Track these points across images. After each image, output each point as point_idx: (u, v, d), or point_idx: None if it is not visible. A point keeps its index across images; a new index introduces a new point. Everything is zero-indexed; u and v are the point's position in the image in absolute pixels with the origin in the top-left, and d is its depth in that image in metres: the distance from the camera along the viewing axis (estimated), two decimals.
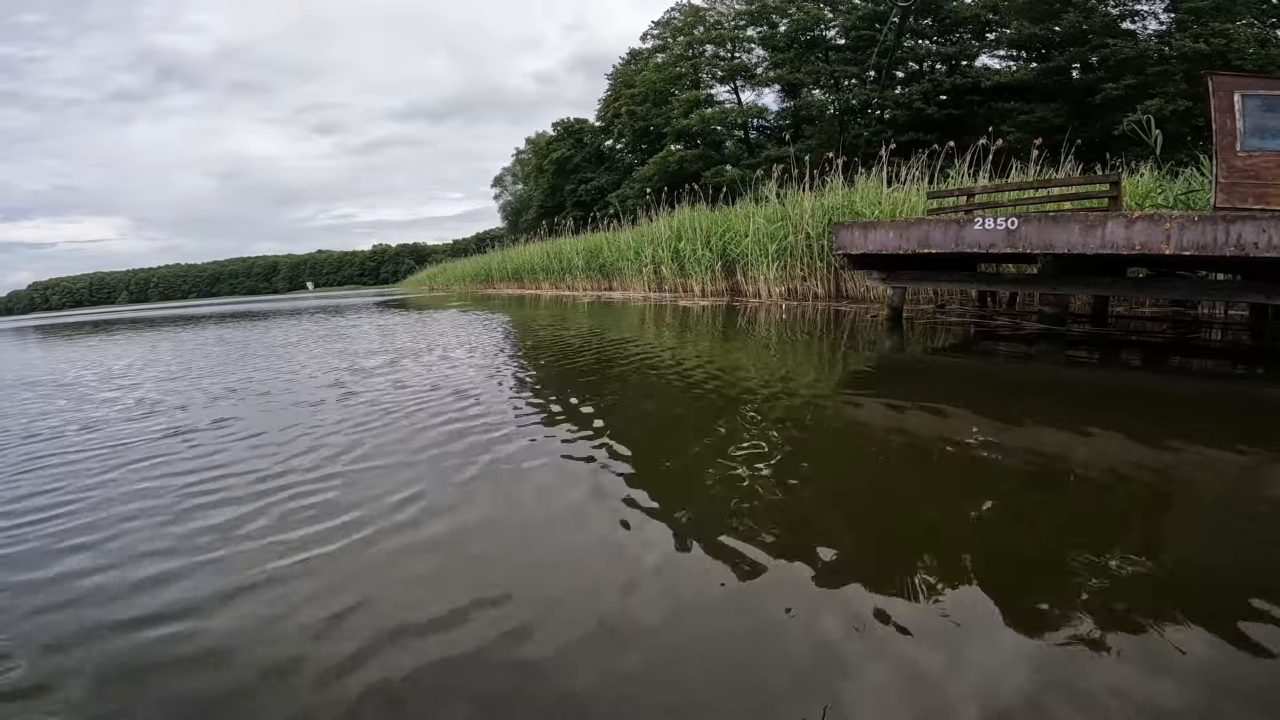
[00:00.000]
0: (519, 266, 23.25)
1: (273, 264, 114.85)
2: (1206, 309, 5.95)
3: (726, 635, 1.39)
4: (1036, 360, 4.29)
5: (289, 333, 10.77)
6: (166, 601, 1.62)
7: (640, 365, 4.70)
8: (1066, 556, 1.61)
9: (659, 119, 31.68)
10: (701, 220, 11.79)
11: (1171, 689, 1.14)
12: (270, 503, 2.26)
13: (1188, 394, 3.39)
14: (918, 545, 1.72)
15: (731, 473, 2.31)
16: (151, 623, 1.52)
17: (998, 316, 6.29)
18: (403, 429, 3.19)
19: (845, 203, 8.62)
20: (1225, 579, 1.51)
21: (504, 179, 56.06)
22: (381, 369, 5.29)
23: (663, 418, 3.35)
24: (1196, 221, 3.54)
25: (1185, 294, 5.03)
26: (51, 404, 4.89)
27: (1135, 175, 7.13)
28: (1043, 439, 2.57)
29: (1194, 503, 1.99)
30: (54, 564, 1.88)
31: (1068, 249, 3.95)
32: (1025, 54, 24.16)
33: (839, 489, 2.22)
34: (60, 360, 9.17)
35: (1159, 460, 2.27)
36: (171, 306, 56.37)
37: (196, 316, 22.88)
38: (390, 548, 1.86)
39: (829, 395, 3.60)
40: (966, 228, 4.51)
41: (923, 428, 2.83)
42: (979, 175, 8.01)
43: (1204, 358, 4.48)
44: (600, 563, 1.75)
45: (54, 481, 2.71)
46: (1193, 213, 3.75)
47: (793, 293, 9.69)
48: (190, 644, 1.44)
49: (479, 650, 1.36)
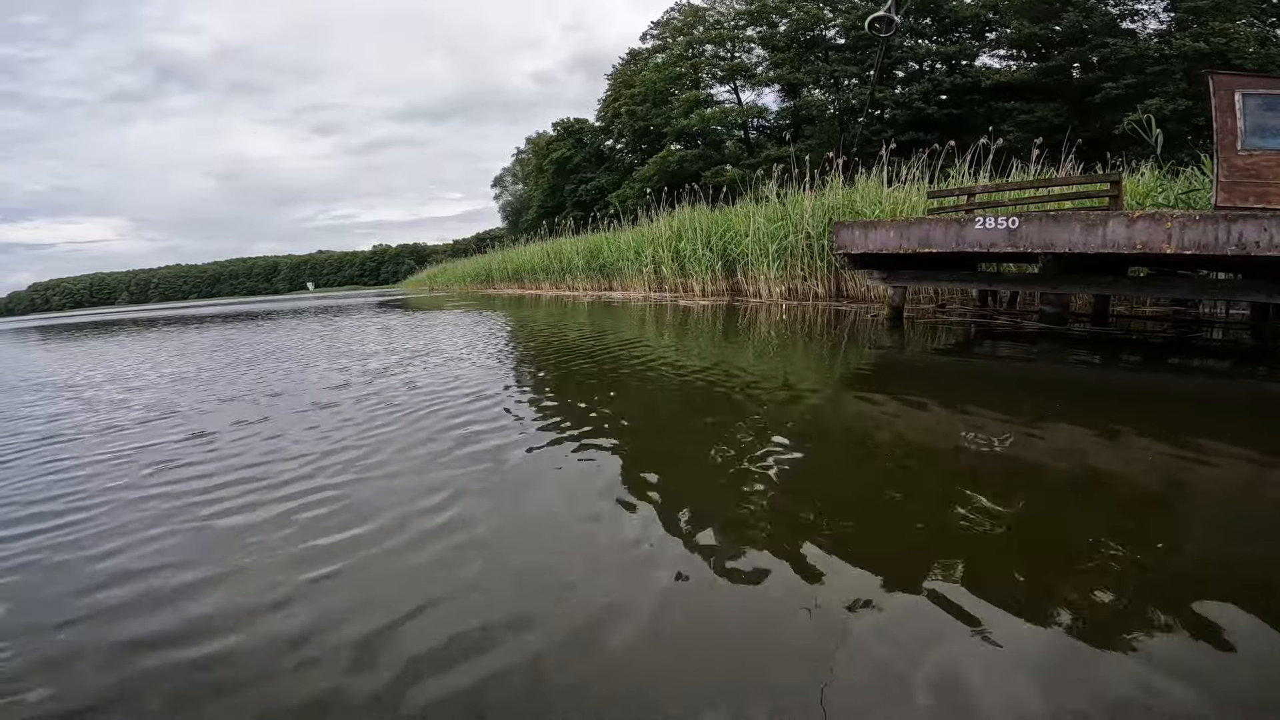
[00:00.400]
0: (519, 267, 23.23)
1: (273, 264, 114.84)
2: (1207, 308, 5.95)
3: (749, 640, 1.39)
4: (1040, 360, 4.29)
5: (294, 333, 10.78)
6: (193, 613, 1.61)
7: (645, 366, 4.69)
8: (1078, 555, 1.61)
9: (659, 119, 31.68)
10: (702, 220, 11.79)
11: (1188, 692, 1.14)
12: (300, 504, 2.26)
13: (1191, 392, 3.39)
14: (931, 547, 1.72)
15: (745, 473, 2.32)
16: (181, 634, 1.52)
17: (998, 316, 6.29)
18: (417, 431, 3.20)
19: (845, 202, 8.62)
20: (1237, 576, 1.51)
21: (504, 179, 56.16)
22: (393, 369, 5.29)
23: (670, 416, 3.35)
24: (1198, 220, 3.54)
25: (1186, 293, 5.03)
26: (61, 405, 4.89)
27: (1135, 175, 7.13)
28: (1052, 438, 2.57)
29: (1205, 500, 1.99)
30: (80, 570, 1.88)
31: (1069, 248, 3.95)
32: (1025, 53, 24.16)
33: (852, 488, 2.22)
34: (65, 360, 9.17)
35: (1170, 458, 2.26)
36: (172, 307, 56.39)
37: (199, 317, 22.89)
38: (426, 550, 1.87)
39: (835, 395, 3.60)
40: (967, 227, 4.51)
41: (932, 427, 2.83)
42: (979, 175, 8.00)
43: (1206, 357, 4.48)
44: (627, 573, 1.75)
45: (75, 485, 2.71)
46: (1194, 211, 3.75)
47: (793, 292, 9.69)
48: (221, 650, 1.44)
49: (534, 659, 1.35)
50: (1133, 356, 4.41)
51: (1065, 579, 1.51)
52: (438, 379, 4.58)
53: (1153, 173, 6.91)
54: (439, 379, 4.57)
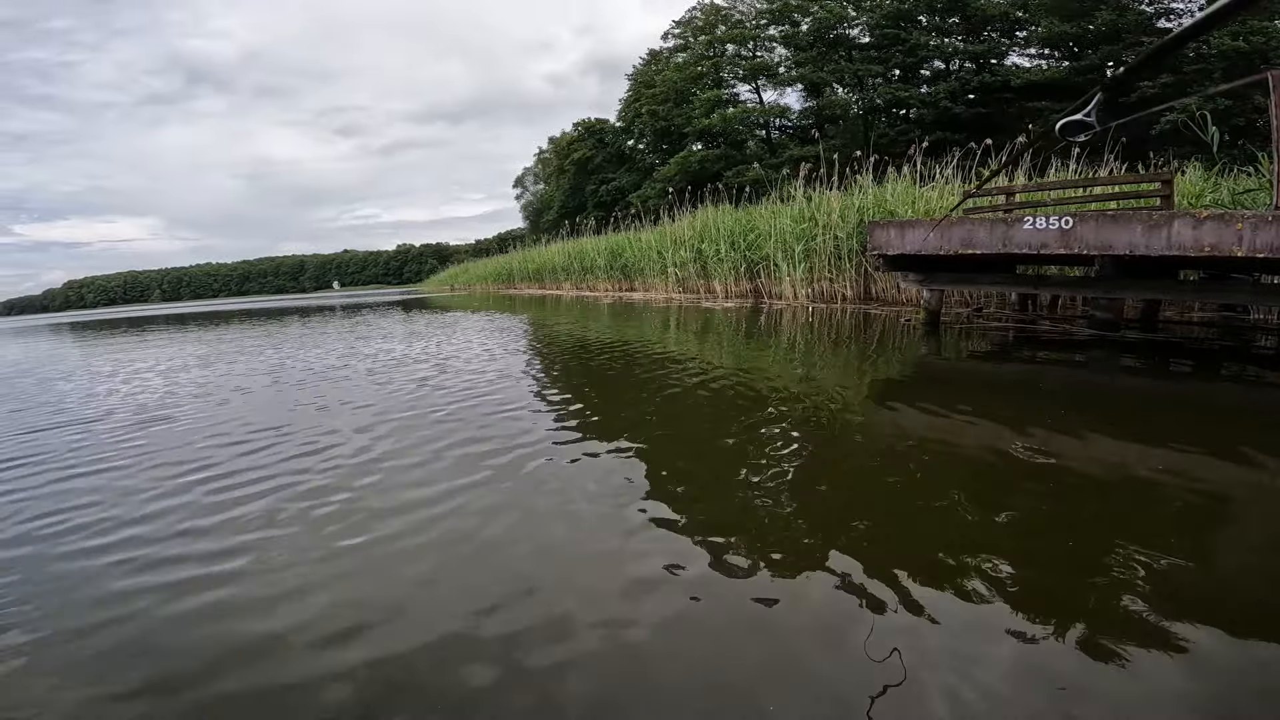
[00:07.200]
0: (540, 267, 23.21)
1: (300, 263, 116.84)
2: (1260, 314, 5.64)
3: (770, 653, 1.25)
4: (1096, 368, 4.01)
5: (340, 339, 10.83)
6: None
7: (675, 372, 4.56)
8: (1124, 577, 1.44)
9: (680, 118, 31.51)
10: (725, 220, 11.60)
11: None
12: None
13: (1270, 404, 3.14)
14: (974, 564, 1.56)
15: (786, 485, 2.17)
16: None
17: (1039, 321, 6.03)
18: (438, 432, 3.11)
19: (877, 202, 8.40)
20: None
21: (525, 179, 56.32)
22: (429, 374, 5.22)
23: (700, 427, 3.21)
24: (1271, 222, 3.30)
25: (1245, 298, 4.77)
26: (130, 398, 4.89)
27: (1177, 174, 6.82)
28: (1135, 459, 2.38)
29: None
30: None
31: (1129, 250, 3.70)
32: (1057, 52, 23.58)
33: (902, 504, 2.06)
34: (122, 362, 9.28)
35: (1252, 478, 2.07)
36: (206, 305, 57.58)
37: (233, 313, 23.22)
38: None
39: (881, 406, 3.42)
40: (1015, 227, 4.28)
41: (998, 444, 2.64)
42: (1015, 175, 7.74)
43: (1267, 366, 4.20)
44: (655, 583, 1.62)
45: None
46: (1265, 212, 3.50)
47: (819, 295, 9.47)
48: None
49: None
50: (1193, 365, 4.14)
51: (1120, 599, 1.34)
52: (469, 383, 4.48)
53: (1207, 171, 6.60)
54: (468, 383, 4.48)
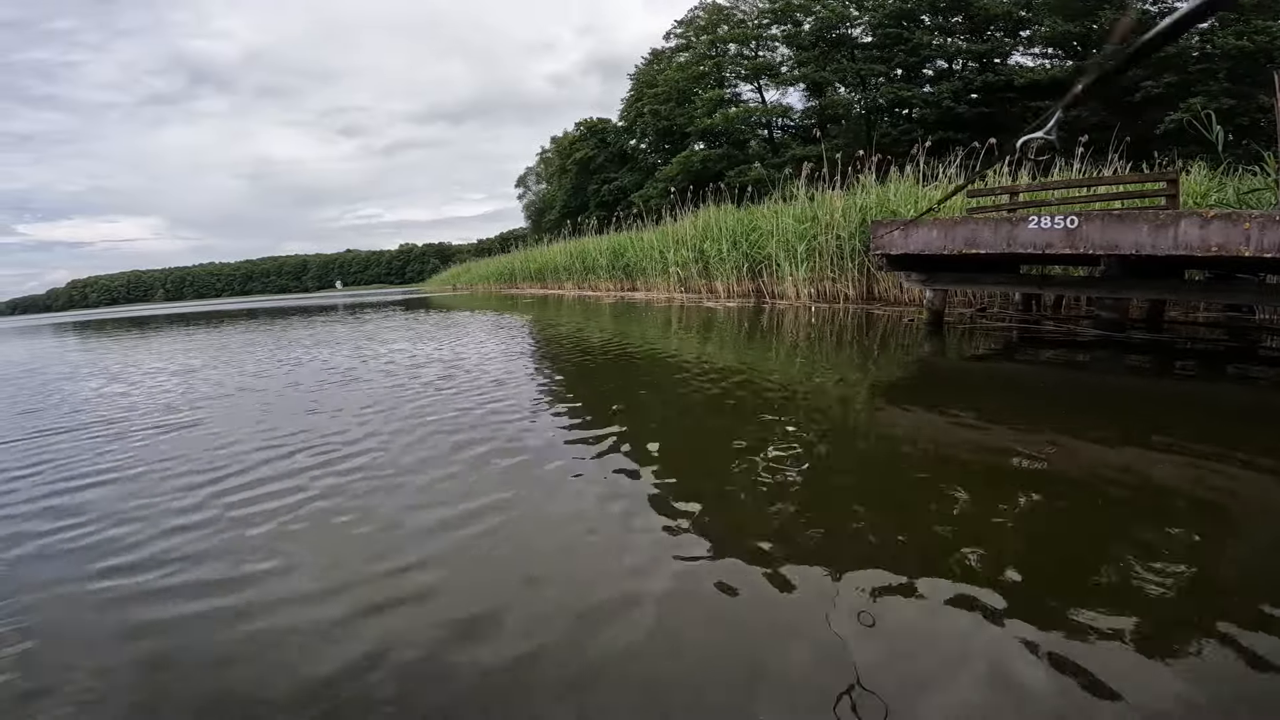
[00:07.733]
0: (542, 266, 23.18)
1: (302, 263, 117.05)
2: (1265, 314, 5.61)
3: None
4: (1101, 369, 3.97)
5: (342, 335, 10.83)
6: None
7: (678, 373, 4.54)
8: (1125, 577, 1.42)
9: (682, 118, 31.48)
10: (727, 220, 11.59)
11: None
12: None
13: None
14: (974, 564, 1.54)
15: (793, 488, 2.15)
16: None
17: (1043, 321, 6.01)
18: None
19: (880, 201, 8.37)
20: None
21: (527, 179, 56.31)
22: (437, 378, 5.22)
23: (704, 426, 3.20)
24: (1278, 222, 3.28)
25: (1251, 299, 4.73)
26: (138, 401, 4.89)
27: (1182, 174, 6.79)
28: (1139, 460, 2.35)
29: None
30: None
31: (1135, 250, 3.67)
32: (1061, 51, 23.52)
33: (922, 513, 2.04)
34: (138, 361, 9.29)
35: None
36: (209, 304, 57.64)
37: (237, 313, 23.24)
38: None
39: (885, 406, 3.40)
40: (1020, 227, 4.26)
41: (1002, 445, 2.62)
42: (1018, 174, 7.71)
43: (1272, 367, 4.15)
44: None
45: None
46: (1272, 212, 3.48)
47: (822, 294, 9.45)
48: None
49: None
50: (1201, 366, 4.10)
51: (1129, 611, 1.32)
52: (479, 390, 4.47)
53: (1211, 170, 6.57)
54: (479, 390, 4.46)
